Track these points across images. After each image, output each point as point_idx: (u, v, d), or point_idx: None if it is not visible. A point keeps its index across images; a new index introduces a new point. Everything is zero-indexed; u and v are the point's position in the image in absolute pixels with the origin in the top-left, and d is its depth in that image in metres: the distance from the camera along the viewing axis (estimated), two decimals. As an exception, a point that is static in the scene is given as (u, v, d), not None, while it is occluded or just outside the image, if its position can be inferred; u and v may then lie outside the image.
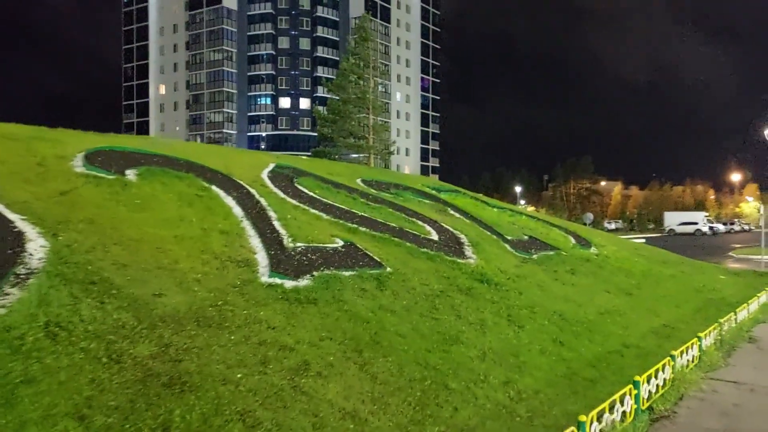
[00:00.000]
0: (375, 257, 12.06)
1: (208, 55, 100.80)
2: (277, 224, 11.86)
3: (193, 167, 13.76)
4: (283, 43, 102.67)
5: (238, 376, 6.87)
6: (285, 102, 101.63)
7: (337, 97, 39.48)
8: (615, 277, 17.50)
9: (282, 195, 14.24)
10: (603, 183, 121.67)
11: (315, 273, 10.15)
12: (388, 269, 11.72)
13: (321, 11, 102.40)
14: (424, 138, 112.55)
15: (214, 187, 12.95)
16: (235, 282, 9.09)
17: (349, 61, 41.00)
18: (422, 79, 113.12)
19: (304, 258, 10.67)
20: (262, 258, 10.16)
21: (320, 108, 45.22)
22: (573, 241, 20.50)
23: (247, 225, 11.45)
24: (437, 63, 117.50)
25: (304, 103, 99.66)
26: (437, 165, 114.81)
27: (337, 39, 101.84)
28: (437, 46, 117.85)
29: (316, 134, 51.46)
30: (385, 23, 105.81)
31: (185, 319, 7.65)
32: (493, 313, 11.51)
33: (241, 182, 13.89)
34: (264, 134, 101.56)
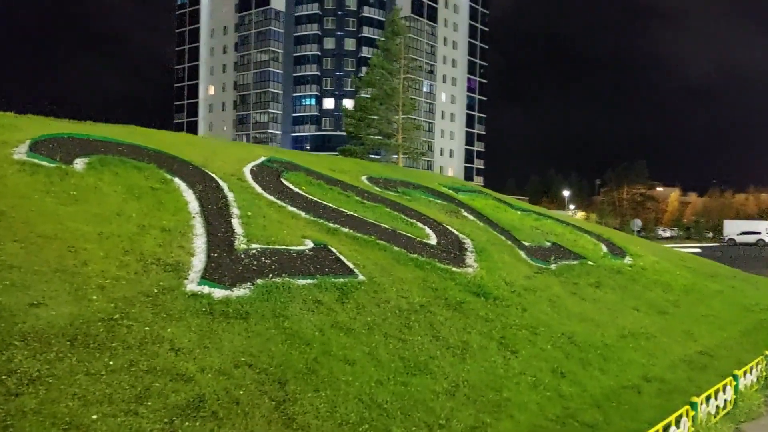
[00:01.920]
0: (348, 263, 10.33)
1: (255, 56, 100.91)
2: (235, 222, 10.28)
3: (161, 158, 12.33)
4: (329, 43, 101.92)
5: (93, 417, 5.27)
6: (329, 103, 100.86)
7: (366, 95, 37.85)
8: (649, 293, 15.25)
9: (259, 190, 12.66)
10: (659, 189, 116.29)
11: (259, 281, 8.49)
12: (361, 277, 9.98)
13: (367, 11, 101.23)
14: (469, 139, 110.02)
15: (176, 180, 11.46)
16: (151, 290, 7.51)
17: (379, 56, 39.30)
18: (468, 79, 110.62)
19: (255, 262, 9.03)
20: (198, 261, 8.57)
21: (347, 105, 43.71)
22: (604, 249, 18.27)
23: (198, 222, 9.89)
24: (485, 63, 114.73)
25: (348, 104, 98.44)
26: (482, 167, 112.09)
27: (384, 39, 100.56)
28: (485, 46, 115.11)
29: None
30: (431, 23, 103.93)
31: (56, 338, 6.09)
32: (482, 334, 9.61)
33: (214, 175, 12.37)
34: (308, 135, 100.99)
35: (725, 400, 8.39)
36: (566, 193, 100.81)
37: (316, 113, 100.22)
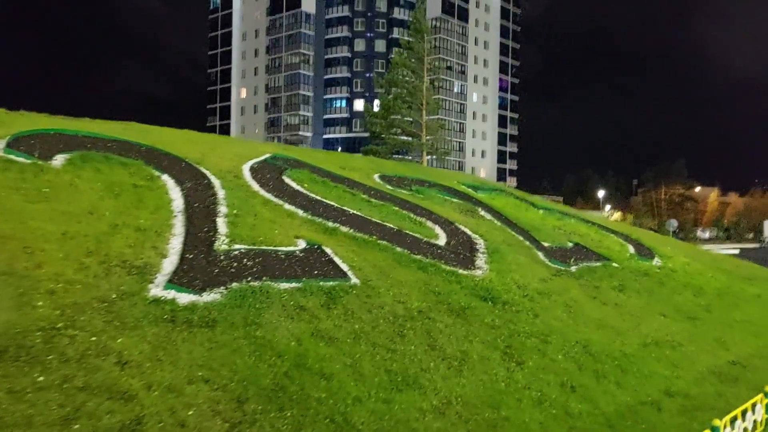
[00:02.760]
0: (342, 265, 9.55)
1: (286, 58, 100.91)
2: (220, 221, 9.58)
3: (152, 154, 11.73)
4: (359, 45, 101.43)
5: (2, 444, 4.58)
6: (360, 105, 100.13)
7: (389, 94, 37.00)
8: (678, 296, 14.11)
9: (256, 188, 11.97)
10: (698, 189, 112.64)
11: (235, 284, 7.75)
12: (354, 280, 9.18)
13: (397, 13, 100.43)
14: (501, 140, 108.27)
15: (164, 177, 10.83)
16: (108, 295, 6.82)
17: (402, 54, 38.39)
18: (500, 79, 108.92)
19: (234, 264, 8.30)
20: (169, 263, 7.87)
21: (369, 104, 42.92)
22: (631, 250, 17.11)
23: (178, 221, 9.22)
24: (517, 63, 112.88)
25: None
26: (514, 168, 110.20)
27: (413, 40, 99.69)
28: (517, 46, 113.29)
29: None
30: (462, 23, 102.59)
31: (-17, 349, 5.44)
32: (485, 344, 8.72)
33: (207, 172, 11.73)
34: (339, 137, 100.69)
35: (755, 421, 7.35)
36: (602, 193, 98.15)
37: (346, 115, 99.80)
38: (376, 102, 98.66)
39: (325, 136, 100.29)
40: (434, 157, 41.22)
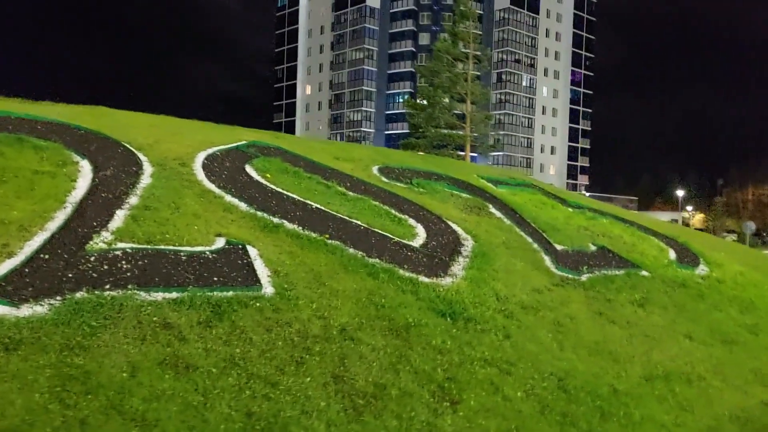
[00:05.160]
0: (261, 269, 7.88)
1: (350, 54, 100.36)
2: (119, 215, 8.10)
3: (84, 138, 10.48)
4: (424, 39, 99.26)
5: None
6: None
7: (430, 84, 34.95)
8: (717, 313, 11.65)
9: (200, 177, 10.47)
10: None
11: (80, 294, 6.19)
12: (267, 290, 7.48)
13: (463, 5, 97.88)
14: (573, 136, 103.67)
15: (83, 162, 9.46)
16: None
17: (445, 41, 36.22)
18: (573, 72, 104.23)
19: (102, 267, 6.76)
20: (8, 265, 6.41)
21: (408, 96, 40.96)
22: (672, 256, 14.60)
23: (63, 214, 7.77)
24: (591, 55, 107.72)
25: (447, 100, 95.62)
26: (586, 165, 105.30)
27: (481, 33, 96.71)
28: (592, 37, 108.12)
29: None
30: (533, 14, 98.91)
31: None
32: (418, 374, 6.83)
33: (144, 159, 10.34)
34: (401, 132, 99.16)
35: None
36: (680, 193, 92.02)
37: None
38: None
39: (386, 132, 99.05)
40: (480, 152, 38.79)
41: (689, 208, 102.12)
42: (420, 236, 10.95)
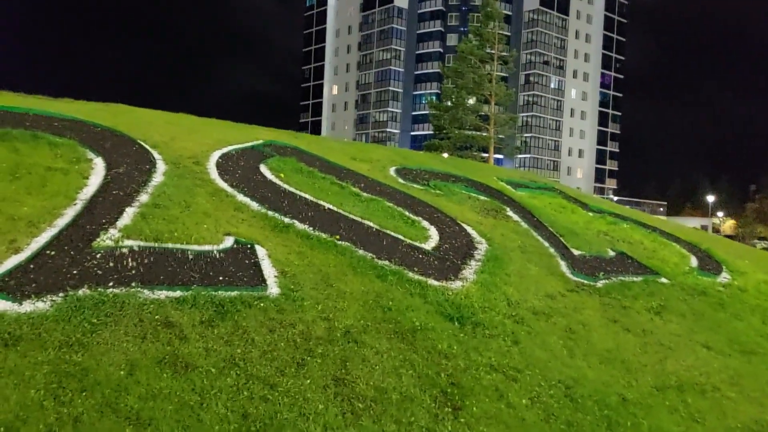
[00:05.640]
0: (268, 269, 7.88)
1: (377, 54, 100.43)
2: (129, 212, 8.17)
3: (100, 135, 10.63)
4: (452, 40, 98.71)
5: None
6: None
7: (453, 84, 34.69)
8: (738, 323, 11.35)
9: (213, 176, 10.52)
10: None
11: (82, 291, 6.23)
12: (272, 290, 7.47)
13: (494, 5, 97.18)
14: (601, 139, 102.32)
15: (97, 160, 9.58)
16: None
17: (470, 42, 35.94)
18: (602, 74, 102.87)
19: (108, 265, 6.81)
20: (15, 260, 6.49)
21: (433, 97, 40.72)
22: (693, 263, 14.29)
23: (72, 210, 7.86)
24: (621, 57, 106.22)
25: (471, 101, 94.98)
26: (615, 168, 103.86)
27: (509, 34, 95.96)
28: (623, 39, 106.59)
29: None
30: (562, 15, 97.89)
31: None
32: (422, 378, 6.75)
33: (159, 157, 10.43)
34: (427, 134, 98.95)
35: None
36: (711, 198, 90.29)
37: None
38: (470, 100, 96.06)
39: (412, 133, 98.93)
40: (504, 155, 38.46)
41: (720, 213, 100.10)
42: (433, 239, 10.87)
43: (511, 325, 8.60)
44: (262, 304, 7.11)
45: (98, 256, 6.95)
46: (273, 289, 7.52)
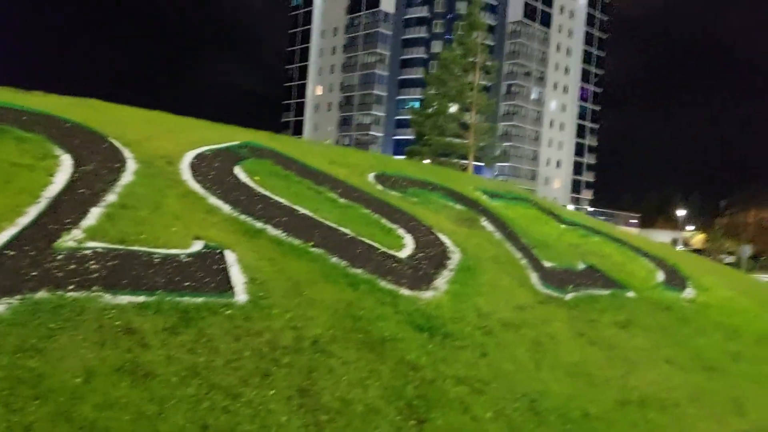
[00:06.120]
0: (237, 276, 7.80)
1: (362, 57, 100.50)
2: (94, 212, 8.03)
3: (70, 131, 10.45)
4: (437, 47, 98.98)
5: None
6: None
7: (435, 92, 34.85)
8: (701, 339, 11.52)
9: (186, 177, 10.40)
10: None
11: (39, 294, 6.10)
12: (240, 297, 7.40)
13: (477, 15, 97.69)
14: (579, 151, 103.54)
15: (65, 157, 9.39)
16: None
17: (453, 51, 36.14)
18: (581, 88, 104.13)
19: (70, 267, 6.66)
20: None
21: (415, 104, 40.94)
22: (660, 277, 14.48)
23: (35, 209, 7.68)
24: (600, 71, 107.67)
25: (453, 109, 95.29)
26: (591, 180, 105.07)
27: (492, 44, 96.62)
28: (602, 54, 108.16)
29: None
30: (544, 28, 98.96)
31: None
32: (387, 390, 6.74)
33: (130, 155, 10.29)
34: (410, 138, 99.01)
35: None
36: (681, 212, 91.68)
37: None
38: (453, 106, 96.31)
39: (395, 137, 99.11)
40: (483, 163, 38.67)
41: (691, 227, 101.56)
42: (408, 247, 10.87)
43: (481, 336, 8.63)
44: (228, 312, 7.04)
45: (59, 257, 6.82)
46: (241, 296, 7.45)
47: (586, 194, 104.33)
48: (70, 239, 7.22)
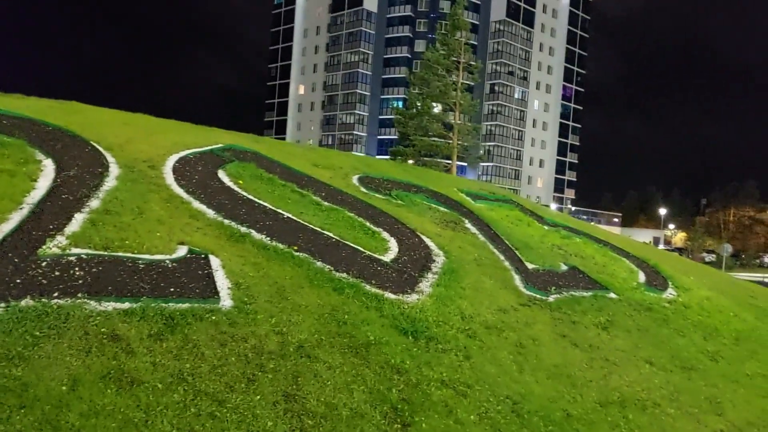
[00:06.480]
0: (221, 281, 7.83)
1: (345, 56, 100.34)
2: (78, 218, 8.03)
3: (51, 135, 10.41)
4: (420, 46, 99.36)
5: None
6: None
7: (419, 92, 34.95)
8: (681, 339, 11.71)
9: (169, 181, 10.40)
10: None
11: (24, 302, 6.09)
12: (225, 303, 7.43)
13: (461, 15, 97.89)
14: (562, 150, 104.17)
15: (47, 162, 9.38)
16: None
17: (437, 50, 36.28)
18: (564, 87, 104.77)
19: (54, 273, 6.68)
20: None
21: (399, 104, 41.02)
22: (642, 278, 14.69)
23: (18, 216, 7.66)
24: (582, 71, 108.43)
25: (436, 109, 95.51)
26: (573, 179, 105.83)
27: (476, 44, 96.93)
28: (584, 53, 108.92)
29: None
30: (527, 28, 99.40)
31: None
32: (373, 394, 6.80)
33: (112, 159, 10.27)
34: (394, 138, 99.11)
35: None
36: (663, 211, 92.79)
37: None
38: (436, 106, 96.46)
39: (379, 137, 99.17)
40: (467, 163, 38.84)
41: (672, 226, 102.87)
42: (392, 250, 10.94)
43: (464, 339, 8.72)
44: (213, 317, 7.06)
45: (43, 264, 6.81)
46: (226, 301, 7.48)
47: (569, 193, 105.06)
48: (54, 246, 7.21)
